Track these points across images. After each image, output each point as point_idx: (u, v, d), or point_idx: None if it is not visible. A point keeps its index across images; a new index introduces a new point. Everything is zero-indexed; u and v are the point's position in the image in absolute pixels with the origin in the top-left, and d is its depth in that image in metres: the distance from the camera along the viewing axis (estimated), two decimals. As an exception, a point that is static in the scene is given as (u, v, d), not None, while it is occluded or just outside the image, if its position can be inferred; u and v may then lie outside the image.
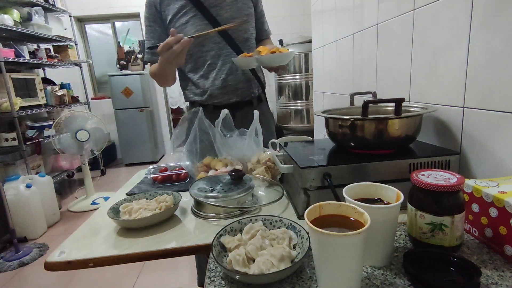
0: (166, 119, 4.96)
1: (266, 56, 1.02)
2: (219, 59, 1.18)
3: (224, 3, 1.14)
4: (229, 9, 1.15)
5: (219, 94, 1.20)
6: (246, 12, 1.19)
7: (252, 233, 0.55)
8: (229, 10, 1.15)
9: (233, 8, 1.15)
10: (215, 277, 0.49)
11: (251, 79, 1.24)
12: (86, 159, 3.00)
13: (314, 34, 1.90)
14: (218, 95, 1.20)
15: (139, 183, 1.04)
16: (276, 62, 1.05)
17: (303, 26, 4.36)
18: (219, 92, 1.20)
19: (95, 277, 1.94)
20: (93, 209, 2.89)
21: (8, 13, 2.78)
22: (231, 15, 1.15)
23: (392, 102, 0.70)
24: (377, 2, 1.09)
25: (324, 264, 0.42)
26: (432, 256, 0.47)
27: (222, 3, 1.14)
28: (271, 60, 1.04)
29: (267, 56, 1.02)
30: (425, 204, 0.50)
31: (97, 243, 0.67)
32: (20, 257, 2.12)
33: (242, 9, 1.18)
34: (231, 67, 1.18)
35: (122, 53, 4.40)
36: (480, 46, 0.67)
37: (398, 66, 0.99)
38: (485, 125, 0.67)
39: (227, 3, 1.15)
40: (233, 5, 1.16)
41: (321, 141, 0.95)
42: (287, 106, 3.80)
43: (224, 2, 1.14)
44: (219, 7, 1.14)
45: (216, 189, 0.76)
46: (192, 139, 1.00)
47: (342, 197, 0.50)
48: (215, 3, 1.13)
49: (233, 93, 1.21)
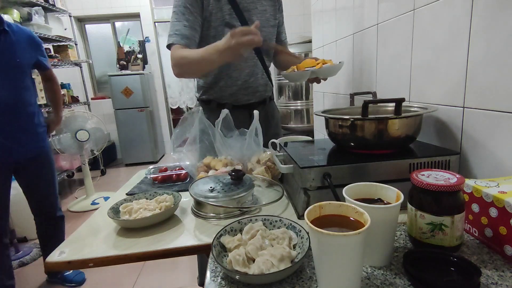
0: (166, 119, 4.96)
1: (322, 69, 1.02)
2: (243, 61, 1.20)
3: (255, 10, 1.18)
4: (260, 17, 1.19)
5: (241, 94, 1.24)
6: (272, 23, 1.24)
7: (252, 233, 0.55)
8: (259, 18, 1.18)
9: (262, 17, 1.20)
10: (215, 277, 0.49)
11: (267, 82, 1.30)
12: (86, 159, 3.00)
13: (314, 34, 1.90)
14: (240, 95, 1.24)
15: (139, 183, 1.04)
16: (331, 73, 1.06)
17: (303, 26, 4.35)
18: (241, 92, 1.24)
19: (95, 277, 1.94)
20: (93, 209, 2.89)
21: (8, 13, 2.78)
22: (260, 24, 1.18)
23: (392, 102, 0.70)
24: (377, 2, 1.09)
25: (324, 264, 0.42)
26: (432, 256, 0.47)
27: (253, 10, 1.18)
28: (327, 72, 1.04)
29: (323, 69, 1.02)
30: (425, 204, 0.50)
31: (97, 243, 0.67)
32: (20, 257, 2.12)
33: (269, 20, 1.23)
34: (252, 70, 1.22)
35: (122, 53, 4.40)
36: (480, 46, 0.67)
37: (398, 66, 0.99)
38: (485, 125, 0.67)
39: (258, 10, 1.19)
40: (263, 14, 1.20)
41: (321, 141, 0.95)
42: (287, 106, 3.79)
43: (256, 9, 1.18)
44: (251, 13, 1.17)
45: (216, 189, 0.76)
46: (192, 139, 1.00)
47: (342, 197, 0.50)
48: (248, 7, 1.16)
49: (253, 94, 1.26)
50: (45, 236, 1.83)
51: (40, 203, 1.76)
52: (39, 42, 1.70)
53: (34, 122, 1.63)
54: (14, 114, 1.53)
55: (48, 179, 1.74)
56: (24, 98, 1.57)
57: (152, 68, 4.73)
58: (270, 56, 1.30)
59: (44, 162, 1.70)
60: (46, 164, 1.72)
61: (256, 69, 1.23)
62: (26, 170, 1.66)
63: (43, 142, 1.70)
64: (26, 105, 1.58)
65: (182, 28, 1.07)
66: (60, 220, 1.85)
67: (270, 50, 1.28)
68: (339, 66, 1.04)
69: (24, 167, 1.64)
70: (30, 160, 1.63)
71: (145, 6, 4.56)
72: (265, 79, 1.28)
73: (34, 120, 1.63)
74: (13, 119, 1.53)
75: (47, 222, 1.80)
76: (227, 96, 1.23)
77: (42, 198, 1.75)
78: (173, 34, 1.07)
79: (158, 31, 4.75)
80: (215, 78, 1.22)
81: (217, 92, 1.24)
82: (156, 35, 4.73)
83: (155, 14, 4.70)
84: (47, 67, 1.78)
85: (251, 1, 1.17)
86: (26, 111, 1.58)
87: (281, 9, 1.32)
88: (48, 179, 1.74)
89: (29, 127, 1.61)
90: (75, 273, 1.92)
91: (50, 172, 1.75)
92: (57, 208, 1.81)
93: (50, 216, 1.79)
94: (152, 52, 4.68)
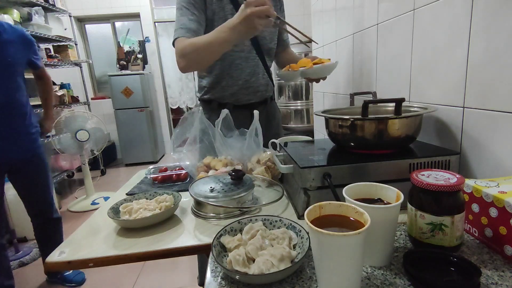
0: (166, 119, 4.96)
1: (312, 69, 1.01)
2: (244, 61, 1.21)
3: None
4: None
5: (241, 94, 1.24)
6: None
7: (252, 233, 0.55)
8: None
9: None
10: (215, 277, 0.49)
11: (268, 82, 1.30)
12: (86, 159, 3.00)
13: (314, 34, 1.90)
14: (240, 95, 1.24)
15: (139, 183, 1.04)
16: (321, 74, 1.04)
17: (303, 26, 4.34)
18: (241, 92, 1.24)
19: (95, 277, 1.94)
20: (93, 209, 2.89)
21: (8, 13, 2.78)
22: None
23: (392, 102, 0.70)
24: (377, 2, 1.09)
25: (324, 264, 0.42)
26: (432, 256, 0.47)
27: None
28: (317, 72, 1.03)
29: (313, 69, 1.01)
30: (425, 204, 0.50)
31: (97, 243, 0.67)
32: (20, 257, 2.12)
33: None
34: (253, 70, 1.22)
35: (122, 53, 4.40)
36: (480, 45, 0.67)
37: (398, 66, 0.99)
38: (485, 125, 0.67)
39: None
40: None
41: (321, 141, 0.95)
42: (287, 106, 3.79)
43: None
44: None
45: (216, 189, 0.76)
46: (192, 139, 1.00)
47: (342, 197, 0.50)
48: None
49: (254, 94, 1.27)
50: (44, 238, 1.81)
51: (36, 206, 1.75)
52: (31, 41, 1.66)
53: (26, 122, 1.60)
54: (5, 114, 1.51)
55: (42, 182, 1.72)
56: (16, 98, 1.54)
57: (152, 68, 4.73)
58: (271, 55, 1.31)
59: (38, 164, 1.68)
60: (40, 166, 1.69)
61: (257, 69, 1.23)
62: (20, 172, 1.63)
63: (36, 143, 1.67)
64: (18, 105, 1.56)
65: (187, 22, 1.05)
66: (58, 222, 1.84)
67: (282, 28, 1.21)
68: (331, 66, 1.02)
69: (17, 169, 1.62)
70: (23, 161, 1.61)
71: (145, 6, 4.56)
72: (266, 79, 1.28)
73: (26, 120, 1.60)
74: (4, 119, 1.51)
75: (44, 224, 1.78)
76: (228, 95, 1.23)
77: (38, 201, 1.74)
78: (178, 28, 1.05)
79: (158, 31, 4.75)
80: (216, 78, 1.22)
81: (218, 92, 1.24)
82: (156, 35, 4.73)
83: (155, 14, 4.70)
84: (38, 66, 1.75)
85: None
86: (18, 111, 1.56)
87: (283, 9, 1.32)
88: (43, 182, 1.72)
89: (21, 127, 1.58)
90: (75, 273, 1.91)
91: (44, 174, 1.72)
92: (53, 210, 1.79)
93: (47, 218, 1.78)
94: (152, 52, 4.68)
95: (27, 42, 1.63)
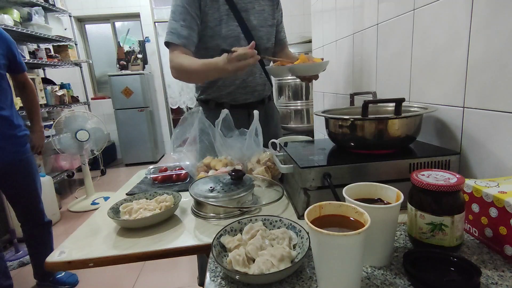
0: (166, 119, 4.96)
1: (300, 66, 1.00)
2: None
3: (253, 10, 1.18)
4: (257, 17, 1.19)
5: (238, 93, 1.24)
6: (269, 23, 1.24)
7: (252, 233, 0.55)
8: (257, 18, 1.19)
9: (260, 17, 1.20)
10: (215, 277, 0.49)
11: (266, 81, 1.30)
12: (86, 159, 3.00)
13: (314, 34, 1.90)
14: (237, 94, 1.24)
15: (139, 183, 1.04)
16: (310, 71, 1.04)
17: (303, 26, 4.35)
18: (238, 91, 1.24)
19: (95, 277, 1.94)
20: (93, 209, 2.89)
21: (8, 13, 2.78)
22: (258, 23, 1.19)
23: (392, 102, 0.70)
24: (377, 2, 1.09)
25: (324, 264, 0.42)
26: (432, 256, 0.47)
27: (251, 10, 1.18)
28: (305, 70, 1.03)
29: (301, 66, 1.00)
30: (425, 204, 0.50)
31: (97, 243, 0.67)
32: (20, 257, 2.12)
33: (267, 20, 1.23)
34: (251, 69, 1.22)
35: (122, 53, 4.40)
36: (480, 45, 0.67)
37: (398, 66, 0.99)
38: (485, 125, 0.67)
39: (256, 10, 1.19)
40: (261, 14, 1.21)
41: (321, 141, 0.95)
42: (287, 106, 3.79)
43: (254, 9, 1.19)
44: (249, 13, 1.17)
45: (216, 189, 0.76)
46: (192, 139, 1.00)
47: (342, 197, 0.50)
48: (246, 7, 1.17)
49: (251, 94, 1.26)
50: (35, 243, 1.75)
51: (25, 212, 1.69)
52: (7, 40, 1.55)
53: (9, 125, 1.53)
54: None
55: (30, 188, 1.66)
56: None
57: (152, 68, 4.73)
58: (268, 55, 1.30)
59: (25, 167, 1.61)
60: (28, 170, 1.63)
61: (255, 69, 1.23)
62: (7, 177, 1.57)
63: (24, 147, 1.60)
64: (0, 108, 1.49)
65: (179, 28, 1.08)
66: (49, 226, 1.79)
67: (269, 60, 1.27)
68: (319, 64, 1.01)
69: (4, 174, 1.55)
70: (10, 165, 1.55)
71: (145, 6, 4.56)
72: (263, 79, 1.28)
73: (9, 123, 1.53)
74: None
75: (36, 229, 1.73)
76: (225, 95, 1.23)
77: (27, 206, 1.68)
78: (169, 32, 1.09)
79: (158, 31, 4.75)
80: None
81: (215, 91, 1.24)
82: (156, 35, 4.73)
83: (155, 14, 4.70)
84: (20, 70, 1.65)
85: (249, 1, 1.17)
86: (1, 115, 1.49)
87: (280, 8, 1.32)
88: (31, 188, 1.66)
89: (5, 131, 1.51)
90: (68, 275, 1.88)
91: (32, 178, 1.66)
92: (43, 214, 1.74)
93: (38, 223, 1.72)
94: (152, 52, 4.68)
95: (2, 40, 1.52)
